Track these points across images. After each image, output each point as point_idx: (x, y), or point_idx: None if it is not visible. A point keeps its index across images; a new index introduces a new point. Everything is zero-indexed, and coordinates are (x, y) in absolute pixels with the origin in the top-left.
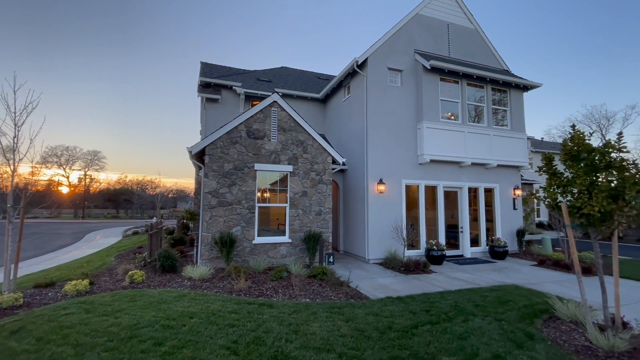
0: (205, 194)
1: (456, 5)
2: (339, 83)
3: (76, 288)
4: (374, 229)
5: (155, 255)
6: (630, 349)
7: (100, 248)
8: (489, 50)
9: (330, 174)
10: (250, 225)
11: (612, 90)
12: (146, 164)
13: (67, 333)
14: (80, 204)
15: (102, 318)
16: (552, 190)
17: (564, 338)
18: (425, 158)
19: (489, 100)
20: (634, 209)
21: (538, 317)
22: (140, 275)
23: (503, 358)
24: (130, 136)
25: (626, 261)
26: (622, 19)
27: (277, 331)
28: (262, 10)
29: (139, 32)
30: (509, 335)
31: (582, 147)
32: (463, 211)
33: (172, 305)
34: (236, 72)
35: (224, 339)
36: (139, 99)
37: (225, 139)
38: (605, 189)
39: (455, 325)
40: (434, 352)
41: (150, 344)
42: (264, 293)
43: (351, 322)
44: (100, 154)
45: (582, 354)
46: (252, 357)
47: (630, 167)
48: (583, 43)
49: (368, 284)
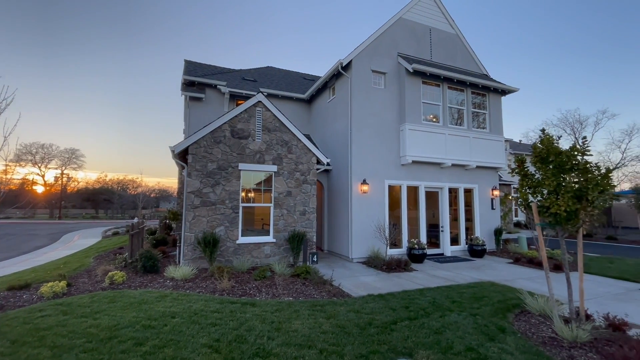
0: (189, 194)
1: (438, 10)
2: (324, 84)
3: (53, 290)
4: (358, 228)
5: (137, 256)
6: (592, 339)
7: (78, 249)
8: (469, 55)
9: (314, 174)
10: (234, 225)
11: (585, 95)
12: (128, 163)
13: (44, 335)
14: (57, 203)
15: (80, 319)
16: (524, 190)
17: (533, 330)
18: (407, 159)
19: (469, 103)
20: (596, 209)
21: (510, 311)
22: (121, 276)
23: (476, 350)
24: (110, 134)
25: (595, 258)
26: (599, 27)
27: (259, 329)
28: (249, 10)
29: (121, 27)
30: (482, 329)
31: (551, 150)
32: (444, 211)
33: (153, 306)
34: (221, 71)
35: (206, 337)
36: (120, 96)
37: (209, 138)
38: (570, 189)
39: (432, 321)
40: (411, 346)
41: (130, 344)
42: (247, 292)
43: (332, 319)
44: (78, 152)
45: (549, 345)
46: (234, 354)
47: (593, 169)
48: (560, 48)
49: (350, 282)
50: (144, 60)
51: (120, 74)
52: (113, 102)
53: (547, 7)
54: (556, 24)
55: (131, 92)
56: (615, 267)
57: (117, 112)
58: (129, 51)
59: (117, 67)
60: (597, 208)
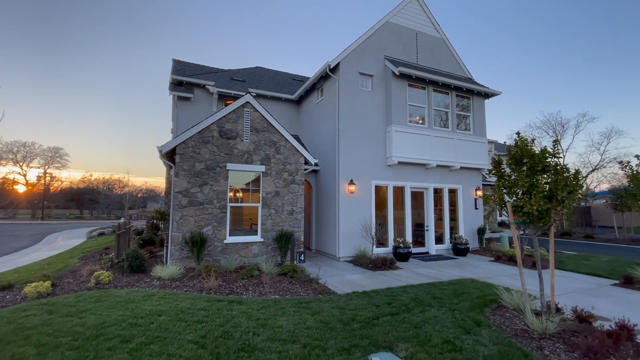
0: (176, 194)
1: (424, 15)
2: (312, 85)
3: (37, 290)
4: (345, 227)
5: (123, 256)
6: (560, 330)
7: (62, 250)
8: (454, 59)
9: (302, 175)
10: (222, 225)
11: (567, 97)
12: (114, 163)
13: (29, 334)
14: (39, 204)
15: (65, 319)
16: (500, 190)
17: (507, 324)
18: (393, 160)
19: (454, 105)
20: (565, 208)
21: (488, 306)
22: (107, 276)
23: (452, 342)
24: (97, 133)
25: (571, 256)
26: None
27: (245, 326)
28: (238, 9)
29: (109, 23)
30: (460, 323)
31: (525, 152)
32: (429, 211)
33: (140, 304)
34: (209, 70)
35: (192, 334)
36: (107, 94)
37: (197, 138)
38: (542, 190)
39: (413, 316)
40: (391, 339)
41: (117, 342)
42: (234, 291)
43: (317, 315)
44: (62, 151)
45: (520, 337)
46: (220, 350)
47: (563, 171)
48: (543, 51)
49: (337, 280)
50: (131, 58)
51: (106, 72)
52: (99, 101)
53: (532, 11)
54: (541, 28)
55: (118, 90)
56: (590, 264)
57: (104, 110)
58: (116, 48)
59: (104, 64)
60: (566, 207)
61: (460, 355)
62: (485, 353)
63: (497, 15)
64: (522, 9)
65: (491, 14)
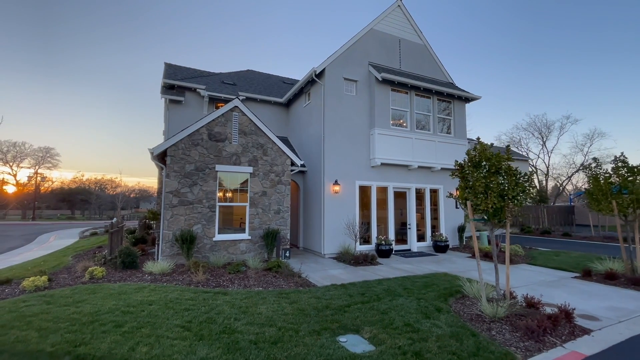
0: (167, 194)
1: (407, 22)
2: (300, 89)
3: (35, 284)
4: (330, 226)
5: (116, 253)
6: (509, 314)
7: (55, 249)
8: (436, 64)
9: (288, 175)
10: (211, 224)
11: (552, 100)
12: (106, 163)
13: (30, 320)
14: (30, 204)
15: (63, 308)
16: (463, 190)
17: (465, 310)
18: (376, 161)
19: (435, 109)
20: (516, 206)
21: (453, 296)
22: (101, 272)
23: (412, 325)
24: (89, 133)
25: (544, 252)
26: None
27: (228, 312)
28: (231, 12)
29: (102, 24)
30: (423, 310)
31: (483, 156)
32: (411, 210)
33: (132, 296)
34: (201, 74)
35: (179, 319)
36: (99, 94)
37: (187, 141)
38: (495, 189)
39: (381, 304)
40: (359, 324)
41: (111, 326)
42: (221, 284)
43: (295, 304)
44: (53, 151)
45: (475, 321)
46: (204, 332)
47: (514, 173)
48: (527, 53)
49: (319, 275)
50: (125, 60)
51: (99, 73)
52: (92, 102)
53: (519, 12)
54: (529, 29)
55: (111, 91)
56: (559, 259)
57: (96, 111)
58: (109, 50)
59: (96, 64)
60: (517, 205)
61: (416, 335)
62: (439, 333)
63: (485, 17)
64: (509, 10)
65: (480, 15)
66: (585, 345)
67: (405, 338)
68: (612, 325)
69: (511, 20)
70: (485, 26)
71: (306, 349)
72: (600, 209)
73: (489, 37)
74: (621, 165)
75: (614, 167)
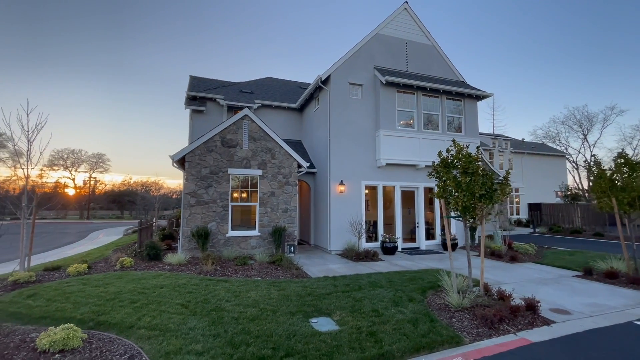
0: (186, 195)
1: (414, 24)
2: (310, 95)
3: (77, 270)
4: (335, 224)
5: (143, 247)
6: (474, 305)
7: (101, 244)
8: (446, 63)
9: (295, 177)
10: (224, 221)
11: (594, 91)
12: (150, 166)
13: (68, 296)
14: (86, 205)
15: (94, 288)
16: (440, 189)
17: (437, 301)
18: (382, 162)
19: (444, 109)
20: (485, 204)
21: (433, 288)
22: (129, 261)
23: (378, 311)
24: (134, 139)
25: (560, 252)
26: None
27: (222, 295)
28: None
29: (138, 36)
30: (395, 299)
31: (456, 157)
32: (419, 209)
33: (149, 281)
34: (222, 84)
35: (181, 299)
36: (138, 104)
37: (203, 147)
38: (465, 188)
39: (360, 293)
40: (332, 308)
41: (127, 302)
42: (226, 274)
43: (282, 291)
44: (104, 157)
45: (441, 310)
46: (197, 309)
47: (484, 173)
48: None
49: (318, 269)
50: (163, 70)
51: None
52: (138, 109)
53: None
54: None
55: (150, 101)
56: (570, 258)
57: (141, 118)
58: (148, 60)
59: (137, 77)
60: (485, 204)
61: (378, 319)
62: (400, 318)
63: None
64: (545, 6)
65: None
66: (539, 334)
67: (368, 321)
68: (580, 319)
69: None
70: (521, 17)
71: (277, 325)
72: (601, 206)
73: (522, 28)
74: (622, 163)
75: (616, 164)
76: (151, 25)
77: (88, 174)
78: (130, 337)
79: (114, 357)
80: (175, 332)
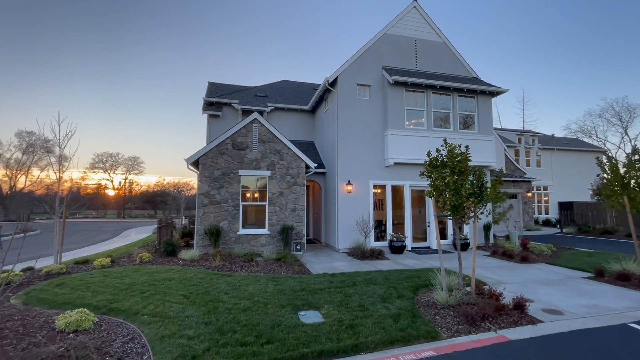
0: (199, 195)
1: (424, 22)
2: (320, 97)
3: (101, 263)
4: (343, 223)
5: (162, 243)
6: (460, 302)
7: (131, 241)
8: (457, 60)
9: (304, 177)
10: (235, 220)
11: (634, 82)
12: (180, 168)
13: (89, 286)
14: (122, 205)
15: (113, 279)
16: (431, 189)
17: (426, 298)
18: (390, 161)
19: (456, 106)
20: (474, 204)
21: (427, 286)
22: (148, 257)
23: (363, 306)
24: (166, 140)
25: (580, 252)
26: None
27: (222, 288)
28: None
29: (166, 41)
30: (385, 296)
31: (447, 157)
32: (430, 208)
33: (160, 274)
34: (237, 89)
35: (184, 291)
36: (164, 109)
37: (215, 150)
38: (453, 187)
39: (351, 289)
40: (322, 303)
41: (137, 292)
42: (232, 269)
43: (279, 285)
44: (139, 159)
45: (428, 307)
46: (197, 300)
47: (472, 172)
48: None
49: (322, 266)
50: (189, 76)
51: (167, 89)
52: (166, 112)
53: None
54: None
55: (180, 105)
56: (587, 260)
57: (171, 122)
58: (172, 66)
59: (163, 81)
60: (475, 204)
61: (361, 314)
62: (383, 313)
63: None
64: None
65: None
66: (520, 332)
67: (351, 315)
68: (570, 320)
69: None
70: (552, 10)
71: (265, 316)
72: (612, 205)
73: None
74: (637, 159)
75: (629, 161)
76: (172, 34)
77: (124, 176)
78: (135, 322)
79: (117, 338)
80: (173, 319)
